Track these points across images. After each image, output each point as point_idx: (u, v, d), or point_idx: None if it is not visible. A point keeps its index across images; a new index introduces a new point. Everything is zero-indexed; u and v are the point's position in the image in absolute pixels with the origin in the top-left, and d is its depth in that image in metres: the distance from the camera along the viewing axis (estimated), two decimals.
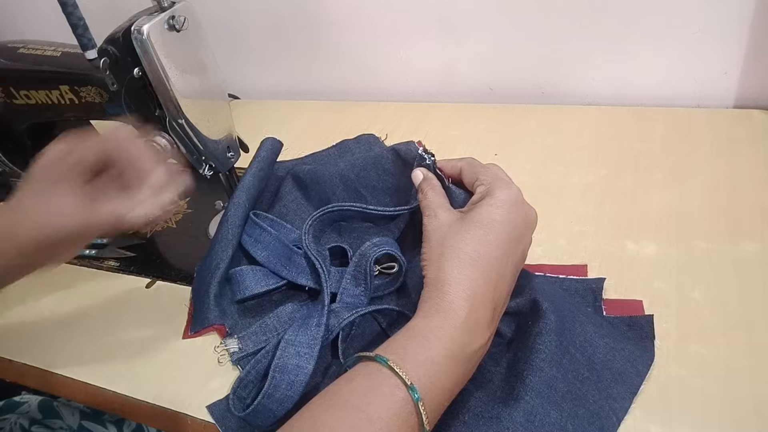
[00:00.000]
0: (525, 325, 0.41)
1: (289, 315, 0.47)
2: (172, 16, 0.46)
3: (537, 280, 0.43)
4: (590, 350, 0.40)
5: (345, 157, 0.63)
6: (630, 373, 0.39)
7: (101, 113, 0.54)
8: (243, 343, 0.46)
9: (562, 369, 0.38)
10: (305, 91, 0.89)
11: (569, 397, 0.37)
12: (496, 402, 0.37)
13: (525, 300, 0.42)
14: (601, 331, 0.41)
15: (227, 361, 0.46)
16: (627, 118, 0.65)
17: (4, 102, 0.58)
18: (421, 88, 0.81)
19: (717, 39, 0.63)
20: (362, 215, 0.51)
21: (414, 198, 0.46)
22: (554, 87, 0.74)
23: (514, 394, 0.37)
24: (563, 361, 0.38)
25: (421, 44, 0.77)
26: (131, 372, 0.47)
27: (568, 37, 0.69)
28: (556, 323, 0.39)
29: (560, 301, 0.42)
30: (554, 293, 0.43)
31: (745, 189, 0.52)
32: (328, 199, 0.54)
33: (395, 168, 0.51)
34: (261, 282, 0.49)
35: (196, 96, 0.50)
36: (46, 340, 0.52)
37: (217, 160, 0.53)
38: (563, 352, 0.39)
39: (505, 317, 0.42)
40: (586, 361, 0.39)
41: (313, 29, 0.82)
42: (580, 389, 0.38)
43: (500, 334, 0.42)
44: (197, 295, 0.51)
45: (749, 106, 0.65)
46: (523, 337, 0.40)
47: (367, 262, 0.45)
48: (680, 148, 0.59)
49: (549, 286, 0.45)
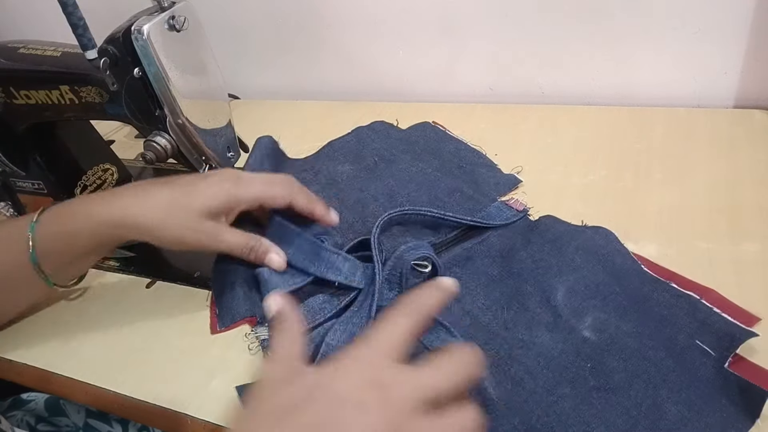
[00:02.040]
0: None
1: (320, 305, 0.47)
2: (172, 16, 0.46)
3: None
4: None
5: (388, 167, 0.63)
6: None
7: (101, 113, 0.55)
8: None
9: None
10: (305, 91, 0.89)
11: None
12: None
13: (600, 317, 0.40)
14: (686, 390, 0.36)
15: (257, 350, 0.46)
16: (627, 118, 0.65)
17: (4, 102, 0.58)
18: (421, 88, 0.81)
19: (717, 39, 0.63)
20: (427, 221, 0.52)
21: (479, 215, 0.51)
22: (554, 87, 0.74)
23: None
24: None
25: (421, 44, 0.77)
26: (131, 372, 0.47)
27: (568, 37, 0.69)
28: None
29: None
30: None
31: (745, 189, 0.52)
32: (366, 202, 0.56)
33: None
34: (288, 281, 0.48)
35: (196, 96, 0.50)
36: (46, 340, 0.52)
37: (217, 160, 0.53)
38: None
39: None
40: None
41: (314, 29, 0.82)
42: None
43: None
44: (221, 292, 0.51)
45: (749, 106, 0.65)
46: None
47: (404, 266, 0.44)
48: (680, 148, 0.59)
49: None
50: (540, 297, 0.44)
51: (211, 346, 0.48)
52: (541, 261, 0.47)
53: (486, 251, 0.50)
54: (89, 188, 0.67)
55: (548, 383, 0.38)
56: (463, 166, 0.61)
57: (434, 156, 0.63)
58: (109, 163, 0.70)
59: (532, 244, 0.49)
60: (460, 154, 0.64)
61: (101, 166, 0.69)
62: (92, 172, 0.67)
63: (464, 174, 0.60)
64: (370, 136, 0.69)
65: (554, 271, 0.45)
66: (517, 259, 0.48)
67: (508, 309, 0.44)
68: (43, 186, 0.64)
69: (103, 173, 0.69)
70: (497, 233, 0.51)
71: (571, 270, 0.45)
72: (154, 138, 0.51)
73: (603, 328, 0.41)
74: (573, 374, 0.39)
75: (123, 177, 0.71)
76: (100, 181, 0.68)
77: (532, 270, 0.46)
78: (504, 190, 0.57)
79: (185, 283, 0.55)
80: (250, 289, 0.50)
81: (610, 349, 0.39)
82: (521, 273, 0.46)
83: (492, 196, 0.56)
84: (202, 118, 0.51)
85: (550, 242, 0.48)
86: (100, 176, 0.68)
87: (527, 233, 0.50)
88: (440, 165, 0.61)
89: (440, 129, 0.69)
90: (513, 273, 0.46)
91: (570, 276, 0.45)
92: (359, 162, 0.64)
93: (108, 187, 0.69)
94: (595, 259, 0.46)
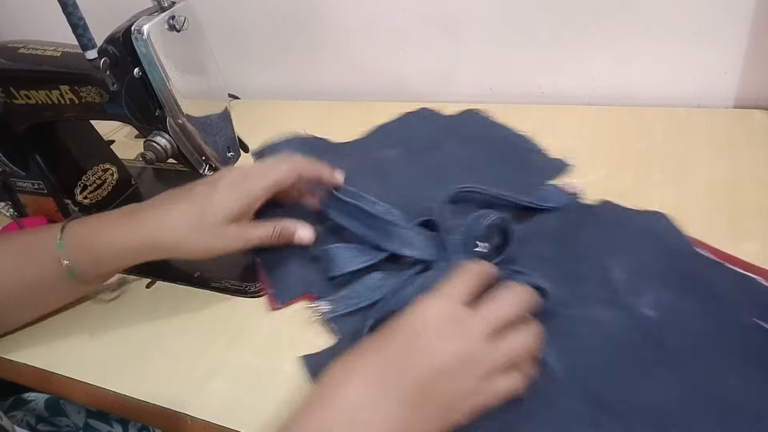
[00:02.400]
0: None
1: (377, 283, 0.48)
2: (172, 16, 0.46)
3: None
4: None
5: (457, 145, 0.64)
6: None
7: (101, 113, 0.55)
8: (335, 304, 0.47)
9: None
10: (305, 91, 0.89)
11: None
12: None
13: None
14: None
15: (316, 322, 0.47)
16: (627, 118, 0.65)
17: (4, 102, 0.58)
18: (421, 88, 0.81)
19: (717, 39, 0.63)
20: (478, 202, 0.52)
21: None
22: (554, 87, 0.74)
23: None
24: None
25: (421, 44, 0.77)
26: (131, 372, 0.47)
27: (568, 37, 0.69)
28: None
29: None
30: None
31: (745, 189, 0.52)
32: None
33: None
34: (357, 259, 0.49)
35: (196, 96, 0.50)
36: (46, 340, 0.52)
37: (217, 160, 0.53)
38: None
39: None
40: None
41: (313, 29, 0.82)
42: None
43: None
44: (273, 271, 0.52)
45: (749, 106, 0.65)
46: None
47: (478, 229, 0.46)
48: (680, 148, 0.59)
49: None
50: (597, 276, 0.45)
51: (211, 346, 0.48)
52: (598, 242, 0.47)
53: (539, 233, 0.49)
54: (89, 188, 0.67)
55: (610, 358, 0.39)
56: (512, 151, 0.62)
57: (482, 142, 0.64)
58: (109, 163, 0.70)
59: (587, 227, 0.49)
60: (509, 140, 0.64)
61: (101, 166, 0.68)
62: (92, 172, 0.67)
63: (513, 159, 0.60)
64: (417, 121, 0.70)
65: (611, 252, 0.46)
66: (571, 240, 0.48)
67: (564, 288, 0.44)
68: (43, 186, 0.64)
69: (103, 173, 0.69)
70: (550, 216, 0.51)
71: (627, 251, 0.46)
72: (154, 138, 0.51)
73: (663, 306, 0.41)
74: (634, 349, 0.39)
75: (123, 177, 0.71)
76: (100, 181, 0.68)
77: (588, 250, 0.47)
78: (554, 174, 0.57)
79: (185, 283, 0.55)
80: (305, 268, 0.51)
81: (671, 326, 0.40)
82: (576, 253, 0.47)
83: (542, 180, 0.56)
84: (202, 118, 0.51)
85: (604, 224, 0.49)
86: (100, 176, 0.68)
87: (581, 216, 0.51)
88: (489, 150, 0.62)
89: (487, 116, 0.69)
90: (568, 254, 0.46)
91: (627, 256, 0.45)
92: (406, 146, 0.65)
93: (108, 187, 0.69)
94: (652, 241, 0.46)
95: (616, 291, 0.43)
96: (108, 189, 0.69)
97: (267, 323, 0.49)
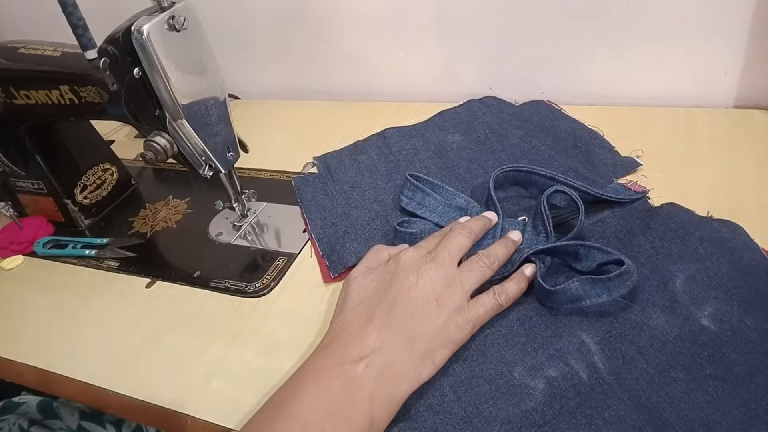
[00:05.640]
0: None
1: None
2: (172, 16, 0.46)
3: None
4: None
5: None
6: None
7: (101, 113, 0.55)
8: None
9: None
10: (305, 91, 0.89)
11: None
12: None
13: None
14: None
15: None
16: (627, 118, 0.65)
17: (4, 102, 0.58)
18: (421, 88, 0.81)
19: (717, 39, 0.63)
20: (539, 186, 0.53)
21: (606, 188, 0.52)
22: (554, 87, 0.74)
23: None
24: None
25: (421, 44, 0.77)
26: (131, 372, 0.47)
27: (568, 37, 0.69)
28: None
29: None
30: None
31: (745, 189, 0.52)
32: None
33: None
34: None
35: (196, 96, 0.50)
36: (46, 340, 0.52)
37: (217, 160, 0.53)
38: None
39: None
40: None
41: (313, 29, 0.82)
42: None
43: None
44: (330, 246, 0.54)
45: (749, 106, 0.65)
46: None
47: (542, 204, 0.47)
48: (680, 148, 0.59)
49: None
50: (657, 281, 0.43)
51: (211, 346, 0.48)
52: (661, 248, 0.45)
53: (601, 232, 0.48)
54: (89, 188, 0.67)
55: (661, 365, 0.38)
56: (578, 145, 0.60)
57: (548, 134, 0.63)
58: (109, 163, 0.70)
59: (651, 230, 0.47)
60: (576, 134, 0.63)
61: (101, 166, 0.69)
62: (92, 172, 0.67)
63: (580, 154, 0.59)
64: (482, 109, 0.70)
65: (674, 258, 0.44)
66: (634, 243, 0.47)
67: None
68: (43, 186, 0.64)
69: (103, 173, 0.69)
70: (614, 214, 0.49)
71: (693, 259, 0.44)
72: (154, 138, 0.51)
73: (724, 319, 0.39)
74: (688, 360, 0.38)
75: (123, 177, 0.71)
76: (100, 181, 0.68)
77: (651, 255, 0.45)
78: (621, 172, 0.56)
79: (185, 283, 0.55)
80: (359, 242, 0.53)
81: (731, 340, 0.38)
82: (638, 257, 0.45)
83: (609, 178, 0.55)
84: (202, 118, 0.51)
85: (671, 230, 0.47)
86: (100, 176, 0.68)
87: (647, 218, 0.49)
88: (554, 143, 0.61)
89: (555, 107, 0.68)
90: (629, 256, 0.43)
91: (691, 265, 0.43)
92: (469, 134, 0.66)
93: (108, 187, 0.69)
94: (720, 251, 0.44)
95: (676, 299, 0.41)
96: (108, 189, 0.69)
97: (267, 323, 0.49)
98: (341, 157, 0.67)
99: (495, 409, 0.37)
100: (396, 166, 0.63)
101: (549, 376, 0.39)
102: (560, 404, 0.37)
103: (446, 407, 0.38)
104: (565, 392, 0.38)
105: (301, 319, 0.48)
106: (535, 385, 0.38)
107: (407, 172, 0.56)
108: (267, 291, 0.52)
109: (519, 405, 0.37)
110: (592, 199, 0.50)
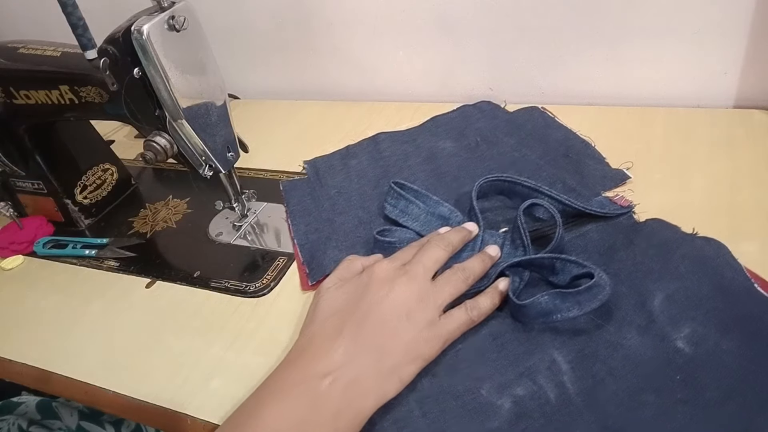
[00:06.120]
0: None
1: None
2: (172, 16, 0.46)
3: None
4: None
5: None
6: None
7: (101, 113, 0.55)
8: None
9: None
10: (305, 91, 0.89)
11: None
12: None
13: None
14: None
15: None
16: (627, 118, 0.65)
17: (4, 102, 0.58)
18: (421, 88, 0.81)
19: (717, 39, 0.63)
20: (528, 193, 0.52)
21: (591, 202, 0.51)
22: (554, 87, 0.74)
23: None
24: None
25: (421, 44, 0.77)
26: (131, 372, 0.47)
27: (568, 37, 0.69)
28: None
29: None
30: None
31: (745, 189, 0.52)
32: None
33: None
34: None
35: (196, 96, 0.50)
36: (46, 340, 0.52)
37: (217, 161, 0.53)
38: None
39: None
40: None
41: (313, 29, 0.82)
42: None
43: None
44: (310, 249, 0.55)
45: (749, 106, 0.65)
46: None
47: (518, 217, 0.46)
48: (680, 148, 0.59)
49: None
50: (635, 300, 0.42)
51: (211, 346, 0.48)
52: (642, 264, 0.44)
53: (583, 246, 0.48)
54: (89, 188, 0.67)
55: (631, 387, 0.37)
56: (569, 155, 0.60)
57: (540, 142, 0.63)
58: (109, 163, 0.70)
59: (634, 246, 0.46)
60: (568, 143, 0.62)
61: (101, 166, 0.69)
62: (92, 172, 0.67)
63: (570, 164, 0.58)
64: (475, 114, 0.70)
65: (654, 277, 0.43)
66: (615, 258, 0.46)
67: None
68: (43, 186, 0.64)
69: (103, 173, 0.69)
70: (598, 228, 0.49)
71: (673, 278, 0.42)
72: (154, 138, 0.51)
73: (700, 342, 0.38)
74: (660, 383, 0.37)
75: (123, 177, 0.71)
76: (99, 181, 0.68)
77: (631, 272, 0.44)
78: (610, 185, 0.55)
79: (185, 283, 0.55)
80: (340, 249, 0.52)
81: (705, 364, 0.37)
82: (618, 274, 0.44)
83: (596, 190, 0.54)
84: (201, 118, 0.51)
85: (654, 247, 0.45)
86: (100, 176, 0.68)
87: (630, 234, 0.47)
88: (545, 152, 0.60)
89: (549, 115, 0.68)
90: (609, 272, 0.42)
91: (671, 284, 0.42)
92: (461, 140, 0.65)
93: (108, 187, 0.69)
94: (701, 270, 0.42)
95: (653, 319, 0.40)
96: (108, 189, 0.69)
97: (267, 323, 0.49)
98: (332, 161, 0.67)
99: (459, 428, 0.37)
100: (385, 172, 0.62)
101: (516, 395, 0.38)
102: (525, 424, 0.36)
103: (411, 423, 0.37)
104: (531, 412, 0.37)
105: (301, 319, 0.48)
106: (501, 403, 0.38)
107: (395, 178, 0.56)
108: (267, 291, 0.52)
109: (484, 423, 0.37)
110: (577, 212, 0.49)
